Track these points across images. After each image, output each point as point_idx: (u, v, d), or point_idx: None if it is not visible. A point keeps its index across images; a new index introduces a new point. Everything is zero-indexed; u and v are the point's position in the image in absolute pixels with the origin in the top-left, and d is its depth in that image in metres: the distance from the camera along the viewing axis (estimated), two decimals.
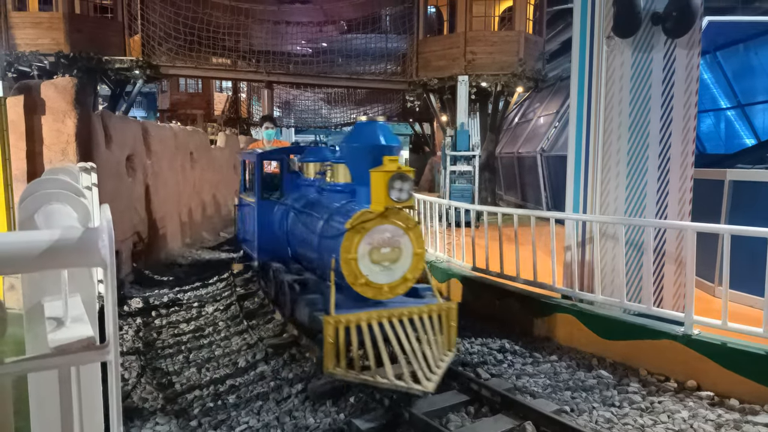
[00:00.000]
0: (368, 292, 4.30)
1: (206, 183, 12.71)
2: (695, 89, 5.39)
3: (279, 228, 6.21)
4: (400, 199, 4.17)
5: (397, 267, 4.36)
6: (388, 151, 4.39)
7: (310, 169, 6.14)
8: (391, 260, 4.33)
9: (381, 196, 4.18)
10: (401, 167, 4.20)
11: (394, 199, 4.15)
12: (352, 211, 4.38)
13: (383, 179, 4.15)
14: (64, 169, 2.86)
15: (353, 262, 4.21)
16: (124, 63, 15.35)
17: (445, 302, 4.46)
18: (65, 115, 6.41)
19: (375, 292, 4.31)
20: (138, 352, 5.17)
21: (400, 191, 4.15)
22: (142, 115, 32.12)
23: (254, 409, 4.04)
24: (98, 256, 0.98)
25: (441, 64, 15.67)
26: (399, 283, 4.40)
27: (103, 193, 6.19)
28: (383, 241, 4.28)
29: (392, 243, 4.32)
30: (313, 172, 6.08)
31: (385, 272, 4.32)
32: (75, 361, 0.98)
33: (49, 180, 1.62)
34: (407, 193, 4.19)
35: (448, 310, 4.41)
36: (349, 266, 4.21)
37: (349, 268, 4.22)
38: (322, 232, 4.83)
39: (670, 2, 5.23)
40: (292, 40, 18.04)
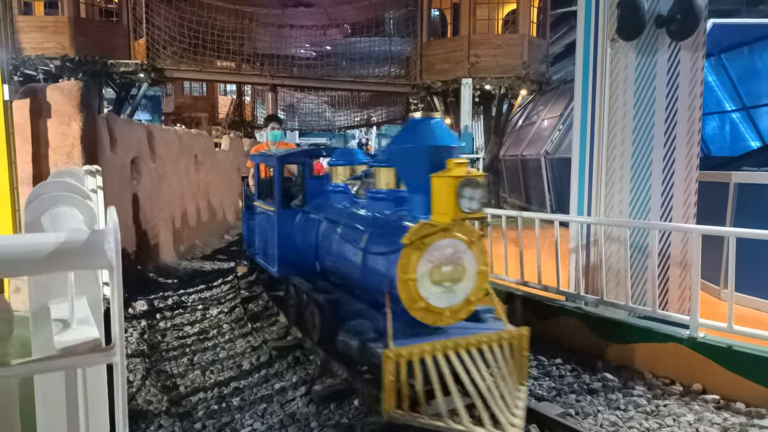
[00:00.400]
0: (427, 317, 3.70)
1: (210, 185, 12.74)
2: (700, 92, 5.38)
3: (303, 240, 5.53)
4: (472, 209, 3.56)
5: (459, 288, 3.75)
6: (448, 152, 3.77)
7: (339, 174, 5.43)
8: (453, 280, 3.72)
9: (447, 205, 3.56)
10: (471, 172, 3.60)
11: (465, 209, 3.54)
12: (407, 223, 3.78)
13: (451, 186, 3.53)
14: (69, 172, 2.87)
15: (412, 284, 3.61)
16: (129, 66, 15.43)
17: (515, 328, 3.82)
18: (71, 118, 6.45)
19: (435, 318, 3.72)
20: (143, 355, 5.18)
21: (471, 200, 3.55)
22: (146, 119, 32.23)
23: (258, 412, 4.04)
24: (104, 258, 0.98)
25: (445, 67, 15.68)
26: (461, 307, 3.78)
27: (108, 196, 6.22)
28: (445, 258, 3.68)
29: (454, 260, 3.71)
30: (343, 177, 5.40)
31: (446, 294, 3.72)
32: (81, 363, 0.98)
33: (55, 183, 1.63)
34: (479, 202, 3.60)
35: (520, 337, 3.76)
36: (406, 288, 3.61)
37: (406, 290, 3.61)
38: (368, 247, 4.14)
39: (674, 5, 5.22)
40: (296, 43, 18.09)
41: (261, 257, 6.52)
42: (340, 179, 5.38)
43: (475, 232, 3.79)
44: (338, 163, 5.42)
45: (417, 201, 3.91)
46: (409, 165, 3.93)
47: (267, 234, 6.14)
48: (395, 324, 3.58)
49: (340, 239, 4.66)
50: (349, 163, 5.36)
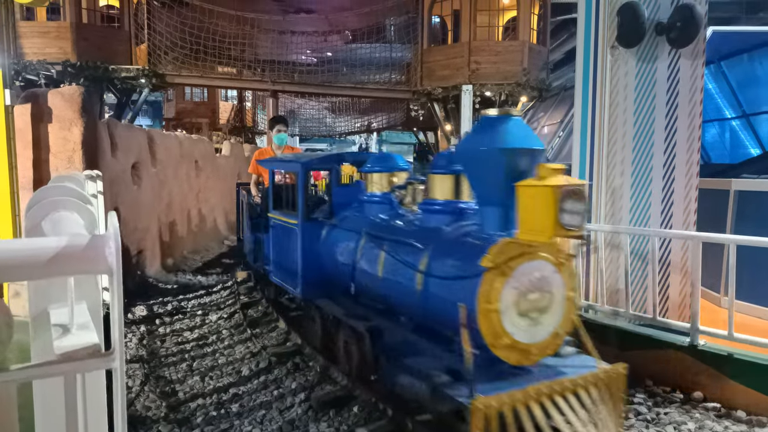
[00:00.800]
0: (512, 356, 3.10)
1: (211, 191, 12.75)
2: (700, 99, 5.39)
3: (333, 258, 4.86)
4: (575, 226, 2.87)
5: (546, 319, 3.15)
6: (531, 156, 3.16)
7: (376, 182, 4.71)
8: (540, 310, 3.13)
9: (544, 220, 2.86)
10: (571, 180, 2.93)
11: (568, 225, 2.83)
12: (485, 241, 3.18)
13: (549, 197, 2.83)
14: (70, 177, 2.88)
15: (496, 316, 3.01)
16: (130, 72, 15.47)
17: (609, 365, 3.25)
18: (72, 123, 6.46)
19: (520, 357, 3.12)
20: (142, 360, 5.16)
21: (574, 214, 2.85)
22: (147, 124, 32.32)
23: (257, 419, 4.02)
24: (105, 263, 0.98)
25: (445, 73, 15.73)
26: (549, 342, 3.20)
27: (108, 201, 6.23)
28: (532, 284, 3.09)
29: (542, 286, 3.12)
30: (380, 185, 4.69)
31: (532, 327, 3.13)
32: (80, 368, 0.98)
33: (55, 187, 1.63)
34: (582, 217, 2.91)
35: (618, 377, 3.19)
36: (489, 321, 3.02)
37: (489, 323, 3.02)
38: (432, 270, 3.50)
39: (674, 12, 5.25)
40: (297, 49, 18.15)
41: (278, 276, 5.81)
42: (378, 188, 4.68)
43: (564, 252, 3.20)
44: (375, 170, 4.70)
45: (490, 214, 3.30)
46: (482, 172, 3.30)
47: (287, 250, 5.45)
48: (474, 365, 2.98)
49: (389, 259, 3.97)
50: (388, 170, 4.68)
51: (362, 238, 4.42)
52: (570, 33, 19.11)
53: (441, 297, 3.41)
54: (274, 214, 5.81)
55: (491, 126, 3.28)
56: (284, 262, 5.58)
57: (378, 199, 4.67)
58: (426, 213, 3.98)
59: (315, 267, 5.06)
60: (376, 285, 4.19)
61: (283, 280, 5.65)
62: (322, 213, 5.20)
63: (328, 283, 4.96)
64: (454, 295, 3.22)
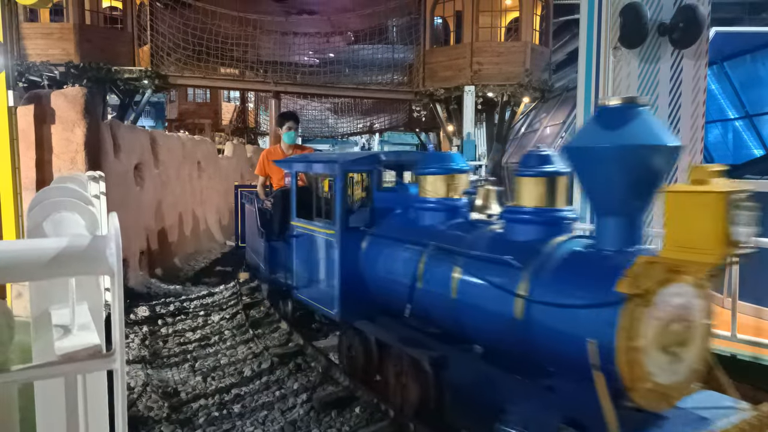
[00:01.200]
0: (651, 401, 2.54)
1: (213, 191, 12.77)
2: (702, 100, 5.39)
3: (379, 273, 4.23)
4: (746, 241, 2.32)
5: (686, 353, 2.62)
6: (668, 155, 2.61)
7: (433, 186, 4.01)
8: (681, 343, 2.60)
9: (710, 235, 2.28)
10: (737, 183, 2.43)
11: (739, 240, 2.29)
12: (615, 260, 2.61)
13: (718, 206, 2.27)
14: (72, 178, 2.88)
15: (639, 355, 2.45)
16: (133, 73, 15.50)
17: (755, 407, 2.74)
18: (74, 124, 6.47)
19: (659, 401, 2.58)
20: (144, 361, 5.17)
21: (747, 226, 2.33)
22: (150, 125, 32.38)
23: (259, 419, 4.03)
24: (106, 264, 0.98)
25: (447, 74, 15.72)
26: (688, 380, 2.68)
27: (111, 202, 6.24)
28: (676, 312, 2.56)
29: (685, 314, 2.60)
30: (437, 189, 4.00)
31: (673, 365, 2.58)
32: (81, 369, 0.98)
33: (57, 188, 1.64)
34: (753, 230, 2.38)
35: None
36: (631, 362, 2.45)
37: (631, 364, 2.46)
38: (538, 294, 2.85)
39: (676, 13, 5.24)
40: (300, 50, 18.17)
41: (306, 293, 5.12)
42: (434, 192, 4.00)
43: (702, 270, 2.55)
44: (431, 172, 4.02)
45: (612, 226, 2.72)
46: (602, 174, 2.69)
47: (319, 264, 4.80)
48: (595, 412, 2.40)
49: (468, 278, 3.33)
50: (447, 172, 3.99)
51: (424, 251, 3.74)
52: (572, 34, 19.09)
53: (554, 329, 2.76)
54: (300, 223, 5.10)
55: (614, 118, 2.67)
56: (315, 277, 4.89)
57: (439, 205, 3.97)
58: (511, 223, 3.32)
59: (356, 284, 4.39)
60: (447, 308, 3.50)
61: (314, 298, 4.94)
62: (361, 221, 4.51)
63: (370, 302, 4.34)
64: (578, 328, 2.61)
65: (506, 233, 3.37)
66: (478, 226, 3.67)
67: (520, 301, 2.95)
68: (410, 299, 3.83)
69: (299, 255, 5.21)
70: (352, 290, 4.39)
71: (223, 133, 24.91)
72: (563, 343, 2.71)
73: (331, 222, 4.56)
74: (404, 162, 5.11)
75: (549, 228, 3.15)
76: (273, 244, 5.90)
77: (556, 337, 2.77)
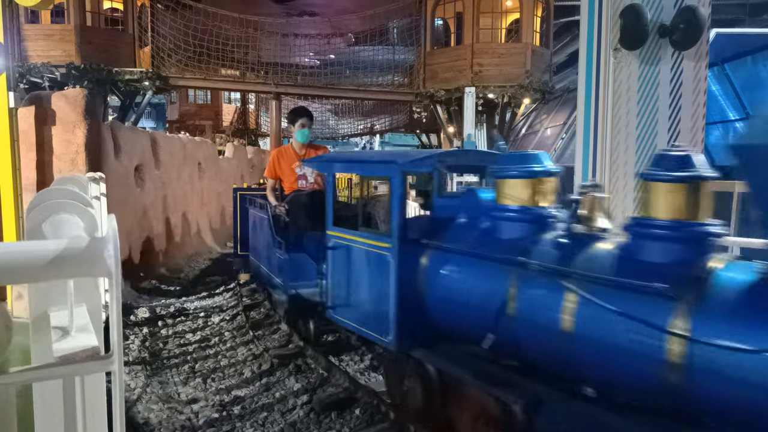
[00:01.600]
0: None
1: (213, 192, 12.78)
2: (703, 101, 5.38)
3: (446, 295, 3.53)
4: None
5: None
6: None
7: (512, 190, 3.33)
8: None
9: None
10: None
11: None
12: None
13: None
14: (73, 179, 2.88)
15: None
16: (134, 74, 15.53)
17: None
18: (75, 125, 6.48)
19: None
20: (144, 362, 5.17)
21: None
22: (151, 126, 32.43)
23: (259, 421, 4.02)
24: (104, 266, 0.98)
25: (448, 75, 15.73)
26: None
27: (112, 203, 6.24)
28: None
29: None
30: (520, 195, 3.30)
31: None
32: (79, 371, 0.98)
33: (57, 190, 1.64)
34: None
35: None
36: None
37: None
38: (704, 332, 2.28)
39: (677, 14, 5.24)
40: (300, 52, 18.19)
41: (347, 315, 4.40)
42: (516, 199, 3.33)
43: None
44: (512, 174, 3.34)
45: None
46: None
47: (366, 282, 4.11)
48: None
49: (590, 308, 2.67)
50: (532, 175, 3.29)
51: (516, 271, 3.09)
52: (573, 35, 19.10)
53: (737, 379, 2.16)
54: (339, 233, 4.41)
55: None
56: (359, 297, 4.20)
57: (527, 214, 3.28)
58: (640, 239, 2.66)
59: (414, 307, 3.72)
60: (552, 341, 2.85)
61: (358, 321, 4.24)
62: (420, 232, 3.82)
63: (431, 328, 3.70)
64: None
65: (634, 252, 2.68)
66: (590, 242, 2.94)
67: (678, 341, 2.33)
68: (494, 327, 3.14)
69: (336, 270, 4.47)
70: (409, 314, 3.71)
71: (224, 135, 24.93)
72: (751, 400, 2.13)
73: (385, 233, 3.89)
74: (471, 162, 4.36)
75: (692, 246, 2.55)
76: (294, 256, 5.20)
77: (740, 391, 2.16)
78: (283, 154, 5.90)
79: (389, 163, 3.90)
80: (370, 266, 4.05)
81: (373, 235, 4.02)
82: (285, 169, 5.81)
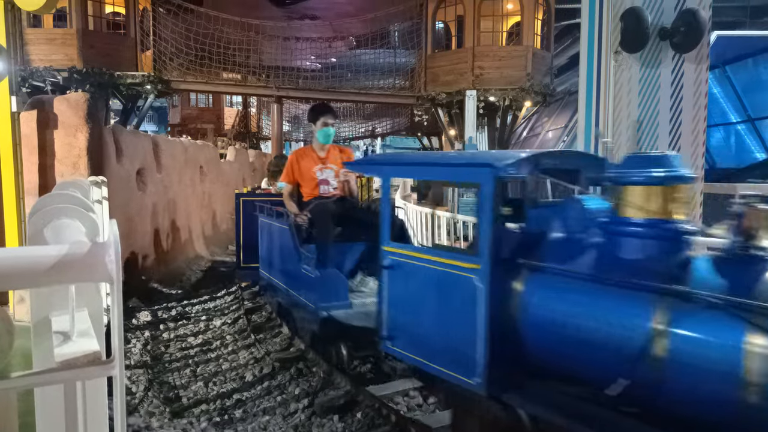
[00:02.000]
0: None
1: (214, 195, 12.80)
2: (704, 104, 5.39)
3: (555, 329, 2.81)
4: None
5: None
6: None
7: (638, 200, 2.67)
8: None
9: None
10: None
11: None
12: None
13: None
14: (74, 183, 2.89)
15: None
16: (135, 78, 15.58)
17: None
18: (77, 129, 6.50)
19: None
20: (146, 366, 5.17)
21: None
22: (153, 130, 32.50)
23: (261, 424, 4.02)
24: (105, 271, 0.99)
25: (449, 78, 15.76)
26: None
27: (114, 207, 6.26)
28: None
29: None
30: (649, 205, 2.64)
31: None
32: (81, 376, 0.98)
33: (58, 195, 1.65)
34: None
35: None
36: None
37: None
38: None
39: (677, 17, 5.25)
40: (302, 55, 18.25)
41: (416, 350, 3.59)
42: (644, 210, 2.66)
43: None
44: (639, 180, 2.67)
45: None
46: None
47: (441, 309, 3.36)
48: None
49: None
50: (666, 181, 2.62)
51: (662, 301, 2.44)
52: (574, 38, 19.12)
53: None
54: (399, 249, 3.70)
55: None
56: (434, 329, 3.41)
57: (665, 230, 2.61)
58: None
59: (508, 342, 3.02)
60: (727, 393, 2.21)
61: (431, 357, 3.45)
62: (511, 251, 3.13)
63: (529, 367, 3.03)
64: None
65: None
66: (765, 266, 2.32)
67: None
68: (629, 372, 2.51)
69: (397, 294, 3.74)
70: (503, 350, 3.01)
71: (226, 138, 24.98)
72: None
73: (471, 252, 3.23)
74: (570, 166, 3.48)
75: None
76: (326, 273, 4.53)
77: None
78: (303, 157, 5.29)
79: (481, 165, 3.10)
80: (447, 291, 3.31)
81: (455, 254, 3.31)
82: (305, 173, 5.21)
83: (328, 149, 5.29)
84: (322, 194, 5.11)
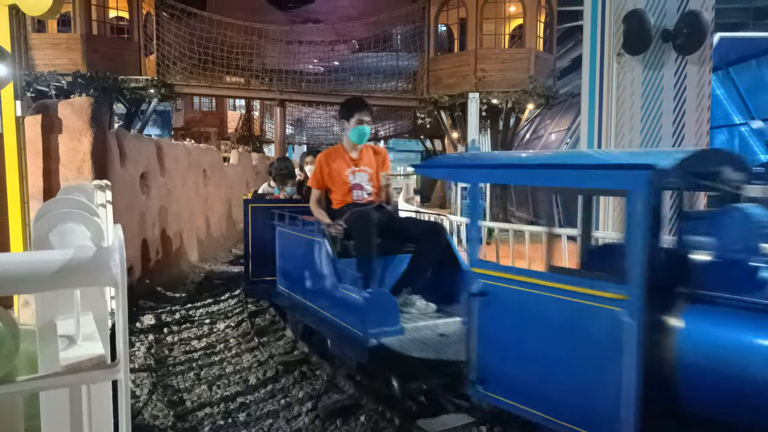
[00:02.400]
0: None
1: (218, 199, 12.83)
2: (707, 105, 5.38)
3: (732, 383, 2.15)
4: None
5: None
6: None
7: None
8: None
9: None
10: None
11: None
12: None
13: None
14: (79, 187, 2.91)
15: None
16: (139, 82, 15.65)
17: None
18: (81, 133, 6.53)
19: None
20: (150, 369, 5.18)
21: None
22: (156, 133, 32.60)
23: (264, 428, 4.02)
24: (110, 275, 0.99)
25: (451, 81, 15.78)
26: None
27: (118, 210, 6.28)
28: None
29: None
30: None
31: None
32: (86, 380, 0.99)
33: (63, 200, 1.65)
34: None
35: None
36: None
37: None
38: None
39: (680, 19, 5.24)
40: (305, 59, 18.29)
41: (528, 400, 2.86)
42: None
43: None
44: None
45: None
46: None
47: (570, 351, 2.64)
48: None
49: None
50: None
51: None
52: (576, 40, 19.12)
53: None
54: (496, 271, 3.02)
55: None
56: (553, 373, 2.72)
57: None
58: None
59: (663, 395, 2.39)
60: None
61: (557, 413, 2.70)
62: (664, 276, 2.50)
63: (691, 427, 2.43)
64: None
65: None
66: None
67: None
68: None
69: (492, 327, 3.10)
70: (657, 405, 2.37)
71: (229, 141, 25.05)
72: None
73: (614, 278, 2.43)
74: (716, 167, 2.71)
75: None
76: (377, 295, 3.89)
77: None
78: (333, 158, 4.63)
79: (633, 168, 2.33)
80: (576, 326, 2.61)
81: (588, 281, 2.54)
82: (335, 176, 4.57)
83: (361, 149, 4.64)
84: (356, 200, 4.47)
